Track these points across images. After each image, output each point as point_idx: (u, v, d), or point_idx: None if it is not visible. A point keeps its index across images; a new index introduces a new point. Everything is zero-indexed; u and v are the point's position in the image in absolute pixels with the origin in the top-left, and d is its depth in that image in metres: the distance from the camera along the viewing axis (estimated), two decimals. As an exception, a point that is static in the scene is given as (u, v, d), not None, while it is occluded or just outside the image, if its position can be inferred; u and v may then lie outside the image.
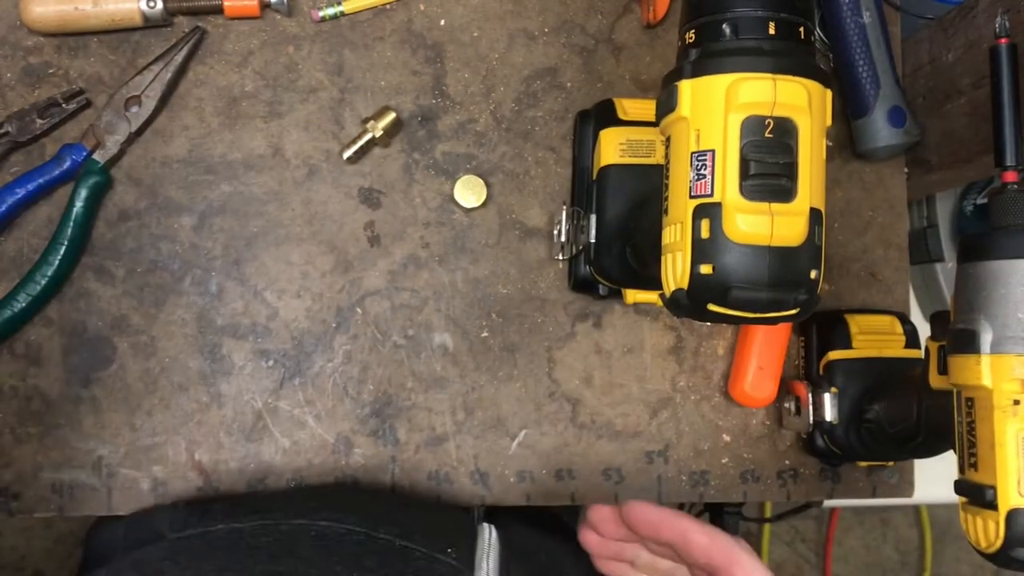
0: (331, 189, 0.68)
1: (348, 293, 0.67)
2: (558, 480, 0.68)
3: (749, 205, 0.45)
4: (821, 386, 0.66)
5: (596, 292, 0.67)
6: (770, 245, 0.45)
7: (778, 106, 0.45)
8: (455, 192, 0.67)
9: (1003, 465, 0.47)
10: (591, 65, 0.70)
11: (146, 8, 0.64)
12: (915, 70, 0.72)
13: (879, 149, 0.69)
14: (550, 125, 0.69)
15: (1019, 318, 0.48)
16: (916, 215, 0.92)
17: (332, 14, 0.68)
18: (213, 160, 0.67)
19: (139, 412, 0.65)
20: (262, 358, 0.66)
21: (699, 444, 0.69)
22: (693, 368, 0.69)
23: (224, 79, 0.67)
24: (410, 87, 0.69)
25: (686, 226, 0.46)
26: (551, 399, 0.68)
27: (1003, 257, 0.49)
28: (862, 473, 0.71)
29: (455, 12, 0.69)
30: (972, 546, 0.50)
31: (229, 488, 0.65)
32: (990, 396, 0.48)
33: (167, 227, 0.66)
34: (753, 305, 0.45)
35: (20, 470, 0.65)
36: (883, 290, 0.72)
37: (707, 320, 0.49)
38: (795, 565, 1.65)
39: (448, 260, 0.68)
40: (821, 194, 0.47)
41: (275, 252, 0.67)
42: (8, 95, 0.66)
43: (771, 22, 0.45)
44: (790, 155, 0.45)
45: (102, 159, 0.64)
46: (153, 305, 0.66)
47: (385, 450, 0.67)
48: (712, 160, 0.45)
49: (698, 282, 0.46)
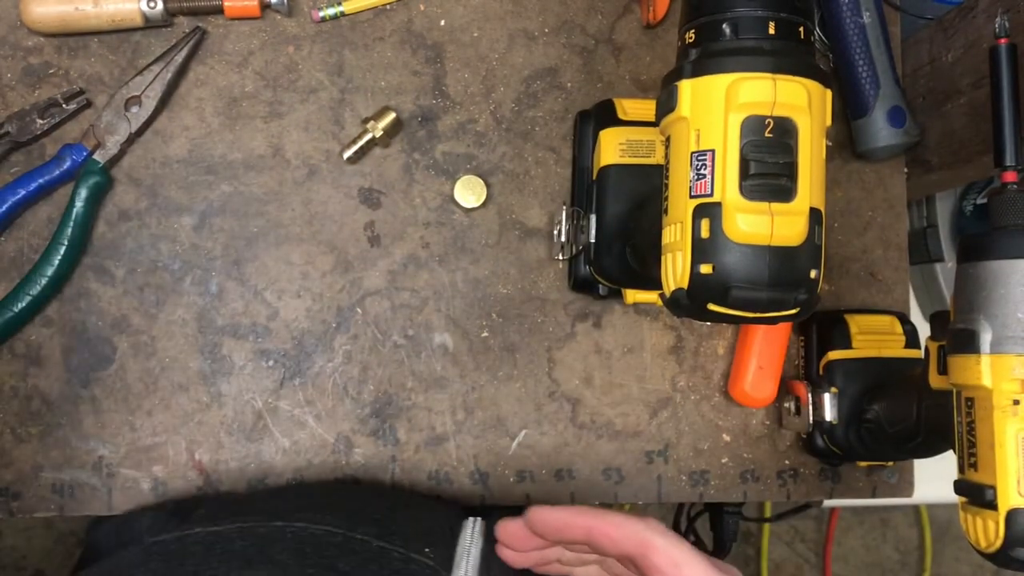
0: (331, 189, 0.68)
1: (348, 293, 0.67)
2: (558, 480, 0.68)
3: (749, 205, 0.45)
4: (821, 386, 0.66)
5: (596, 292, 0.67)
6: (770, 245, 0.45)
7: (778, 106, 0.45)
8: (455, 192, 0.67)
9: (1003, 465, 0.47)
10: (591, 65, 0.70)
11: (146, 8, 0.64)
12: (915, 70, 0.72)
13: (879, 149, 0.69)
14: (550, 125, 0.69)
15: (1019, 318, 0.48)
16: (916, 215, 0.92)
17: (332, 14, 0.68)
18: (213, 160, 0.67)
19: (139, 412, 0.65)
20: (262, 358, 0.66)
21: (699, 444, 0.69)
22: (693, 368, 0.69)
23: (224, 79, 0.67)
24: (410, 87, 0.69)
25: (686, 226, 0.46)
26: (551, 399, 0.68)
27: (1003, 257, 0.49)
28: (862, 473, 0.71)
29: (455, 12, 0.69)
30: (972, 546, 0.50)
31: (229, 488, 0.65)
32: (990, 396, 0.48)
33: (167, 227, 0.66)
34: (753, 305, 0.45)
35: (20, 470, 0.65)
36: (883, 290, 0.72)
37: (707, 320, 0.49)
38: (795, 565, 1.65)
39: (448, 260, 0.68)
40: (821, 194, 0.47)
41: (275, 252, 0.67)
42: (8, 95, 0.66)
43: (771, 22, 0.45)
44: (790, 155, 0.45)
45: (102, 159, 0.64)
46: (153, 305, 0.66)
47: (385, 450, 0.67)
48: (712, 160, 0.45)
49: (698, 282, 0.46)
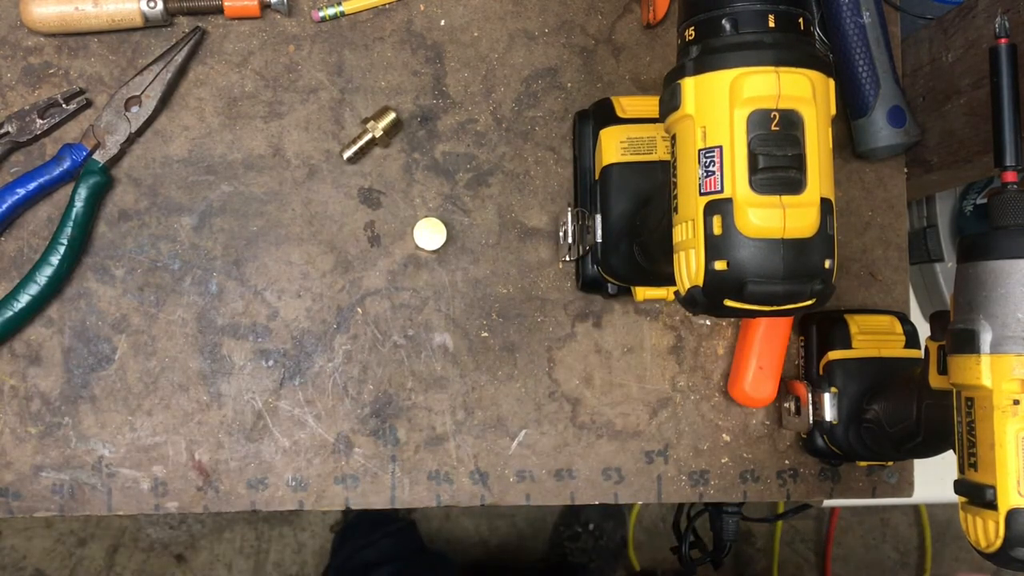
0: (331, 189, 0.68)
1: (348, 293, 0.67)
2: (558, 480, 0.68)
3: (760, 199, 0.45)
4: (821, 386, 0.66)
5: (605, 291, 0.66)
6: (783, 238, 0.45)
7: (783, 99, 0.45)
8: (415, 233, 0.66)
9: (1003, 465, 0.47)
10: (591, 65, 0.70)
11: (146, 8, 0.64)
12: (915, 70, 0.72)
13: (879, 149, 0.69)
14: (550, 125, 0.69)
15: (1019, 318, 0.48)
16: (916, 215, 0.92)
17: (332, 14, 0.68)
18: (213, 160, 0.67)
19: (139, 412, 0.65)
20: (262, 358, 0.66)
21: (699, 444, 0.69)
22: (693, 368, 0.69)
23: (224, 79, 0.67)
24: (410, 87, 0.69)
25: (698, 223, 0.46)
26: (551, 399, 0.68)
27: (1003, 257, 0.49)
28: (862, 473, 0.71)
29: (455, 12, 0.69)
30: (972, 546, 0.50)
31: (229, 488, 0.65)
32: (990, 396, 0.48)
33: (167, 227, 0.66)
34: (770, 298, 0.45)
35: (20, 470, 0.65)
36: (883, 290, 0.72)
37: (725, 316, 0.49)
38: (795, 565, 1.65)
39: (448, 260, 0.68)
40: (830, 184, 0.47)
41: (275, 252, 0.67)
42: (8, 95, 0.66)
43: (771, 15, 0.45)
44: (798, 147, 0.45)
45: (102, 159, 0.64)
46: (153, 305, 0.66)
47: (385, 450, 0.67)
48: (720, 156, 0.45)
49: (713, 279, 0.46)
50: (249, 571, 1.55)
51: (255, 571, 1.55)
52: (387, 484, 0.67)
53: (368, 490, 0.67)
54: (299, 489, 0.66)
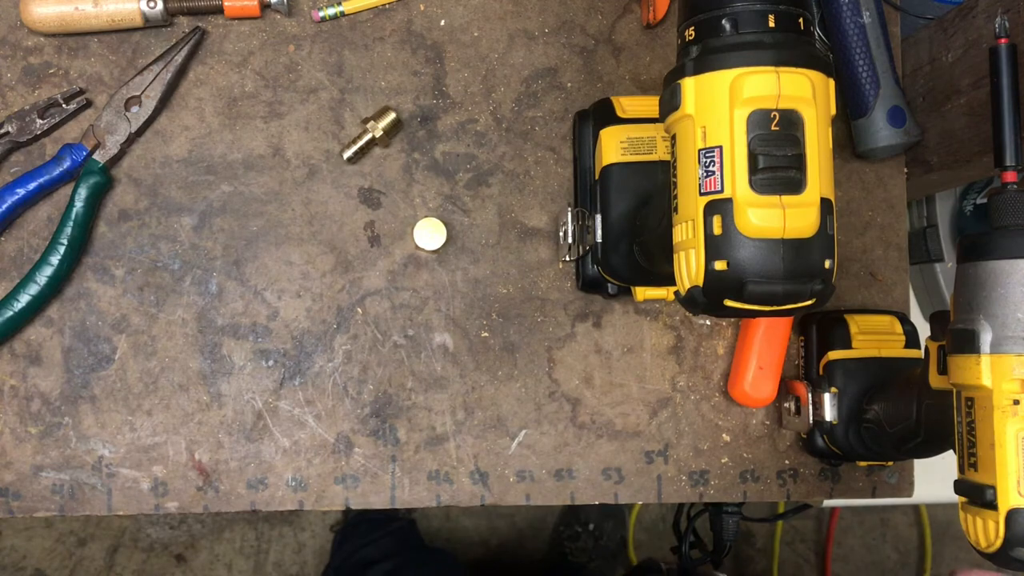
0: (331, 189, 0.68)
1: (348, 293, 0.67)
2: (558, 480, 0.68)
3: (760, 199, 0.45)
4: (821, 386, 0.66)
5: (605, 291, 0.66)
6: (783, 238, 0.45)
7: (783, 98, 0.45)
8: (415, 234, 0.66)
9: (1003, 465, 0.47)
10: (591, 65, 0.70)
11: (146, 8, 0.64)
12: (915, 70, 0.72)
13: (879, 149, 0.69)
14: (550, 125, 0.69)
15: (1019, 318, 0.48)
16: (916, 215, 0.92)
17: (332, 14, 0.68)
18: (213, 160, 0.67)
19: (139, 412, 0.65)
20: (262, 358, 0.66)
21: (699, 444, 0.69)
22: (693, 368, 0.69)
23: (224, 79, 0.67)
24: (410, 87, 0.69)
25: (698, 223, 0.46)
26: (551, 399, 0.68)
27: (1003, 257, 0.49)
28: (862, 473, 0.71)
29: (455, 12, 0.69)
30: (972, 546, 0.50)
31: (229, 488, 0.65)
32: (990, 396, 0.48)
33: (167, 227, 0.66)
34: (770, 298, 0.45)
35: (20, 470, 0.65)
36: (883, 290, 0.72)
37: (725, 316, 0.49)
38: (795, 565, 1.65)
39: (448, 260, 0.68)
40: (830, 184, 0.47)
41: (275, 252, 0.67)
42: (8, 95, 0.66)
43: (770, 15, 0.45)
44: (798, 147, 0.45)
45: (102, 159, 0.64)
46: (153, 305, 0.66)
47: (385, 450, 0.67)
48: (720, 156, 0.46)
49: (713, 279, 0.46)
50: (249, 571, 1.55)
51: (255, 571, 1.55)
52: (387, 484, 0.67)
53: (368, 490, 0.67)
54: (299, 489, 0.66)
